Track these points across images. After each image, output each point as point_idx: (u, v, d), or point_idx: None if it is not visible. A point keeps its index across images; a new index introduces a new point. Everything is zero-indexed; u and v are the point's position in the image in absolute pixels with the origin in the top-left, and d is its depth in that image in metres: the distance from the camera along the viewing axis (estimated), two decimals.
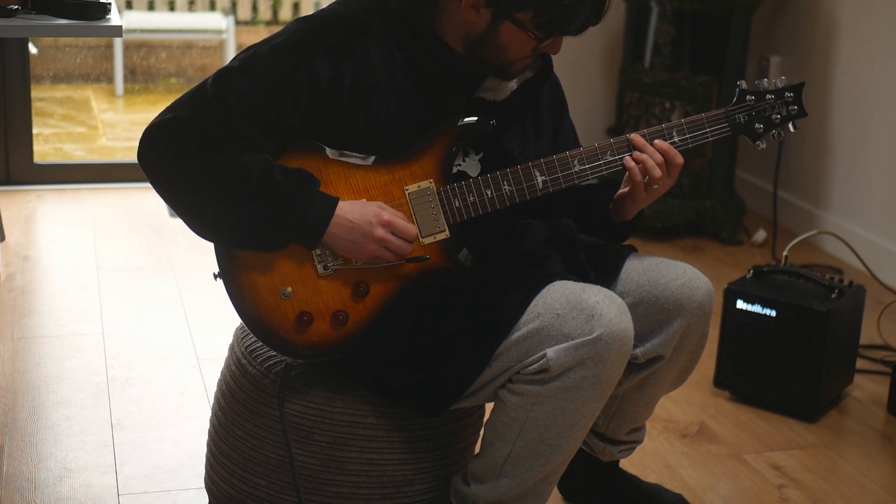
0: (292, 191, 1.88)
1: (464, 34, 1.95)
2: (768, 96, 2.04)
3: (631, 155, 1.99)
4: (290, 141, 1.93)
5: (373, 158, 1.96)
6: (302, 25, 1.96)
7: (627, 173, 2.00)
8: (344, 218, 1.90)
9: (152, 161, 1.90)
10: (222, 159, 1.87)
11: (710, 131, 2.02)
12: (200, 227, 1.93)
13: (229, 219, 1.89)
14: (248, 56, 1.93)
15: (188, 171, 1.88)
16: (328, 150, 1.95)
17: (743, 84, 2.04)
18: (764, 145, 2.05)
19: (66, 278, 3.51)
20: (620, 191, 2.07)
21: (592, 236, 2.14)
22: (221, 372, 2.22)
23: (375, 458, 2.04)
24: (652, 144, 1.99)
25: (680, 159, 2.00)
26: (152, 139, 1.90)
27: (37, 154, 4.47)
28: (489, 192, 1.97)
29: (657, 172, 1.98)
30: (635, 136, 1.99)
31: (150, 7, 6.85)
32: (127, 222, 4.07)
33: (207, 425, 2.30)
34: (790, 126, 2.06)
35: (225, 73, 1.92)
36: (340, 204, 1.91)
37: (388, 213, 1.91)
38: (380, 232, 1.90)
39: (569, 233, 2.08)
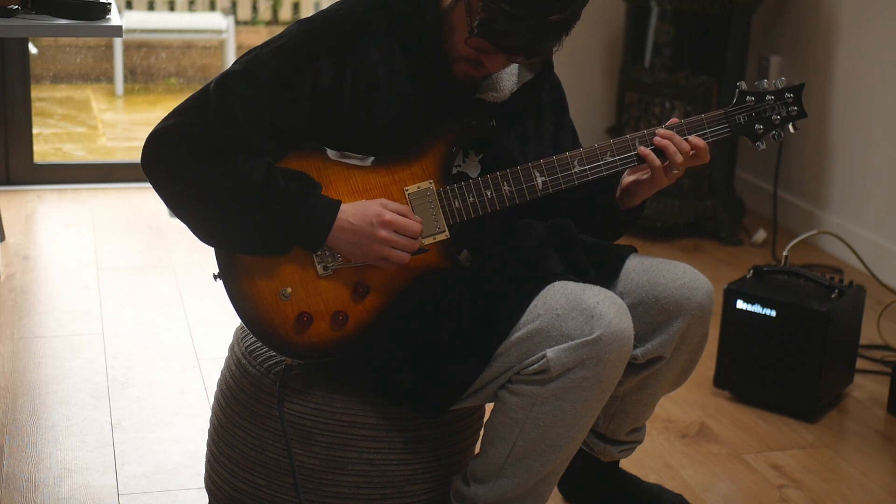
0: (294, 196, 1.88)
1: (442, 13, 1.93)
2: (768, 97, 2.04)
3: (653, 142, 1.98)
4: (296, 142, 1.93)
5: (372, 159, 1.96)
6: (303, 27, 1.95)
7: (644, 160, 2.00)
8: (346, 221, 1.90)
9: (157, 168, 1.90)
10: (225, 165, 1.87)
11: (710, 132, 2.02)
12: (204, 233, 1.93)
13: (233, 226, 1.89)
14: (250, 59, 1.93)
15: (191, 177, 1.88)
16: (329, 151, 1.95)
17: (743, 85, 2.04)
18: (764, 146, 2.05)
19: (66, 278, 3.51)
20: (633, 178, 2.07)
21: (597, 229, 2.13)
22: (221, 372, 2.22)
23: (375, 459, 2.04)
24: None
25: (706, 157, 2.00)
26: (155, 146, 1.90)
27: (37, 154, 4.47)
28: (489, 193, 1.97)
29: (679, 158, 1.98)
30: (663, 130, 2.00)
31: (150, 7, 6.85)
32: (127, 222, 4.07)
33: (207, 425, 2.30)
34: (790, 127, 2.06)
35: (227, 78, 1.92)
36: (342, 207, 1.91)
37: (390, 213, 1.91)
38: (382, 233, 1.89)
39: (568, 233, 2.08)
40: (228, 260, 1.95)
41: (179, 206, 1.92)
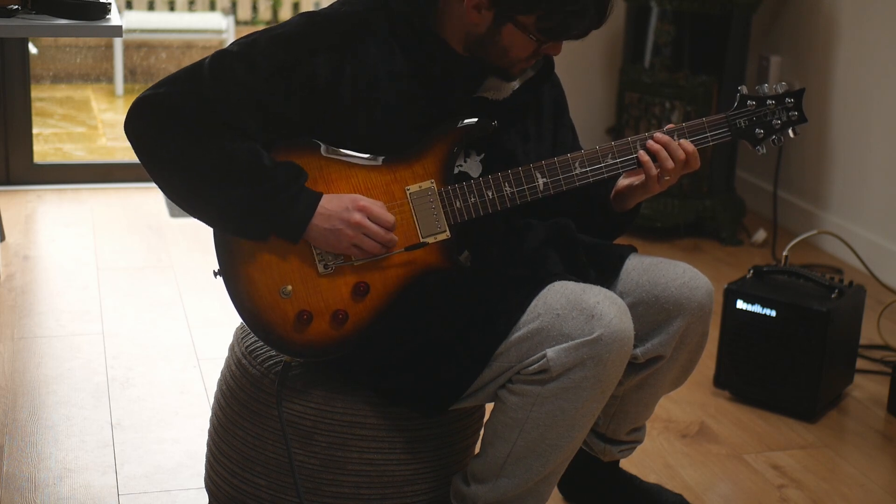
0: (279, 181, 1.87)
1: (465, 34, 1.95)
2: (769, 101, 2.04)
3: (646, 145, 1.99)
4: (284, 133, 1.92)
5: (374, 158, 1.95)
6: (305, 20, 1.95)
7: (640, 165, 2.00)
8: (323, 208, 1.90)
9: (140, 134, 1.89)
10: (209, 144, 1.85)
11: (711, 136, 2.03)
12: (180, 202, 1.92)
13: (210, 201, 1.88)
14: (248, 43, 1.91)
15: (174, 150, 1.86)
16: (329, 150, 1.94)
17: (744, 89, 2.04)
18: (764, 150, 2.06)
19: (66, 278, 3.51)
20: (627, 182, 2.07)
21: (595, 230, 2.14)
22: (221, 372, 2.22)
23: (376, 458, 2.04)
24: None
25: (696, 163, 2.01)
26: (140, 111, 1.88)
27: (37, 154, 4.47)
28: (490, 193, 1.97)
29: (669, 164, 1.98)
30: (659, 135, 2.00)
31: (150, 7, 6.85)
32: (127, 222, 4.07)
33: (207, 425, 2.30)
34: (790, 131, 2.06)
35: (223, 57, 1.90)
36: (323, 197, 1.91)
37: (366, 200, 1.90)
38: (356, 216, 1.89)
39: (568, 233, 2.08)
40: (229, 257, 1.95)
41: (158, 175, 1.90)
